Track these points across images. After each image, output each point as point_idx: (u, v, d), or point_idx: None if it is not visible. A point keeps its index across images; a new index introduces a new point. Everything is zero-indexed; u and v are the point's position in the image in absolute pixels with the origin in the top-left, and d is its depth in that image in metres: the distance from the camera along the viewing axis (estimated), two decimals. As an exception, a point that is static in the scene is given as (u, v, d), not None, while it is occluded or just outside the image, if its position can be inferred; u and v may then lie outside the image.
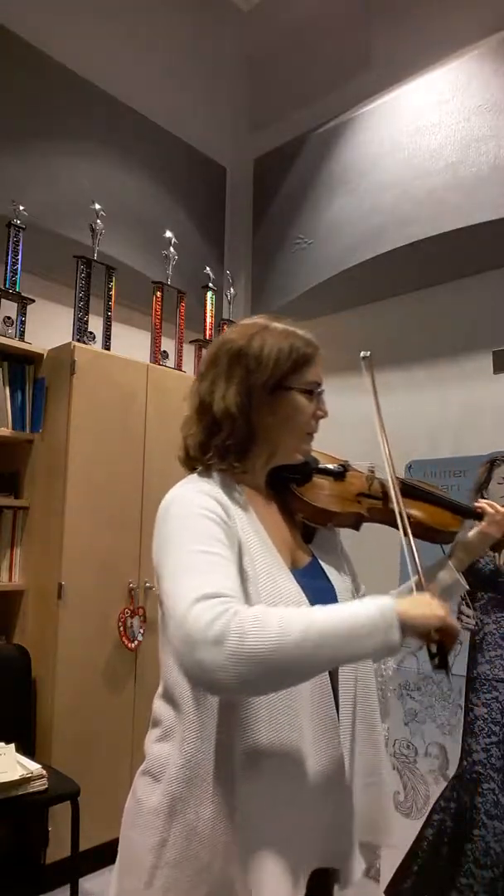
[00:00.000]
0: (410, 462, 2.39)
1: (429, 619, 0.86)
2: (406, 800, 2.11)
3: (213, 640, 0.75)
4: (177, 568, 0.87)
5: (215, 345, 1.09)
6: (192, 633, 0.76)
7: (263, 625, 0.77)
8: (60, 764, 2.06)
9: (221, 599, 0.79)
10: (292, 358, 1.04)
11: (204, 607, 0.78)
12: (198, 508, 0.93)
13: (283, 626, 0.77)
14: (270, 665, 0.77)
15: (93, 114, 2.87)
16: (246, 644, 0.75)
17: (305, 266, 3.10)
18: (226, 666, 0.75)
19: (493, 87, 2.48)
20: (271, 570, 0.96)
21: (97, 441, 2.37)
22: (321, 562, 1.11)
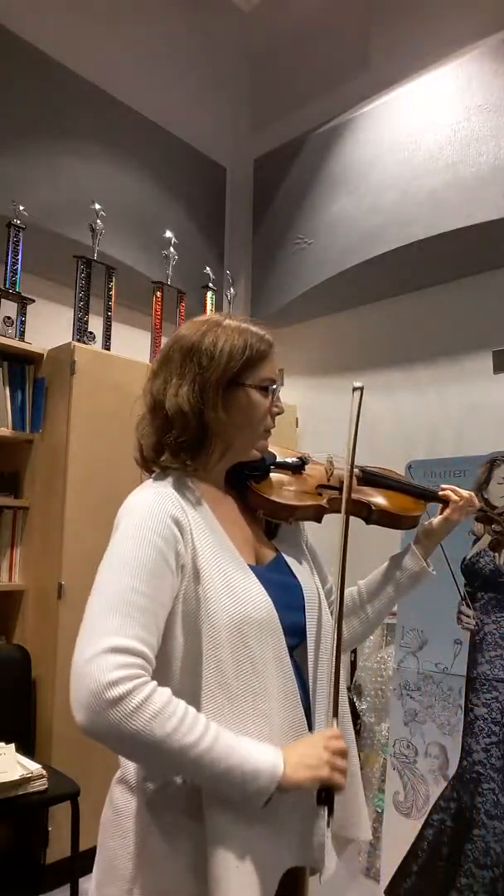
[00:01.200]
0: (410, 462, 2.39)
1: (313, 780, 0.88)
2: (406, 800, 2.11)
3: (106, 702, 0.78)
4: (105, 598, 0.86)
5: (168, 342, 1.08)
6: (90, 682, 0.79)
7: (156, 719, 0.79)
8: (60, 764, 2.06)
9: (132, 660, 0.81)
10: (246, 354, 1.02)
11: (112, 663, 0.79)
12: (149, 533, 0.91)
13: (175, 733, 0.79)
14: (138, 753, 0.85)
15: (93, 114, 2.87)
16: (131, 725, 0.78)
17: (305, 266, 3.10)
18: (100, 730, 0.80)
19: (493, 87, 2.48)
20: (227, 571, 0.95)
21: (97, 441, 2.37)
22: (286, 556, 1.10)
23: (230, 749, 0.83)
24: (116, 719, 0.78)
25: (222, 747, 0.83)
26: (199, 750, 0.81)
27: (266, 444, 1.10)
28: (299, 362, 3.25)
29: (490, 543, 2.14)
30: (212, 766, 0.82)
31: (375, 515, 1.15)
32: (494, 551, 2.12)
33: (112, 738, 0.82)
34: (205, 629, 0.91)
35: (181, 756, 0.81)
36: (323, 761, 0.89)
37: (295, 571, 1.09)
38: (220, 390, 1.00)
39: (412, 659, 2.21)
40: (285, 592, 1.03)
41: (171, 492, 0.98)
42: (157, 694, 0.80)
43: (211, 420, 1.00)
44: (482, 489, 2.19)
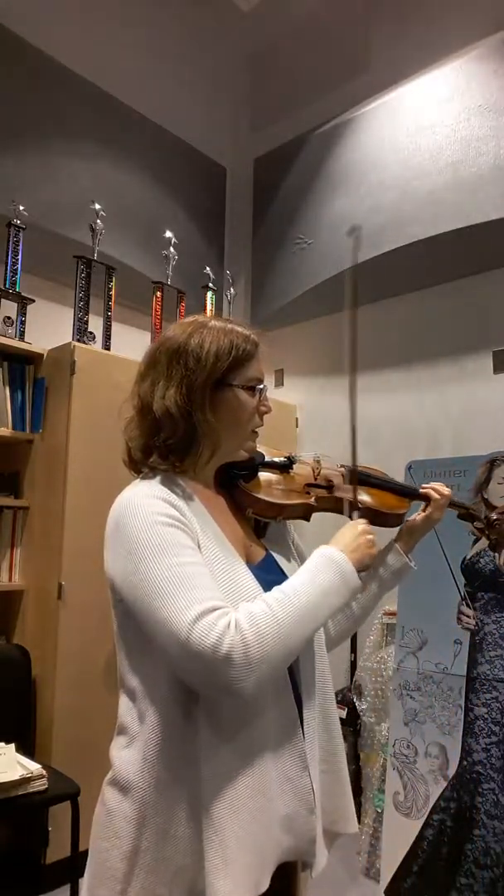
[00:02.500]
0: (410, 462, 2.39)
1: (368, 555, 1.04)
2: (406, 800, 2.11)
3: (223, 659, 0.81)
4: (158, 588, 0.86)
5: (154, 344, 1.09)
6: (201, 655, 0.81)
7: (262, 627, 0.84)
8: (60, 764, 2.06)
9: (217, 613, 0.83)
10: (232, 355, 1.03)
11: (203, 627, 0.81)
12: (156, 516, 0.92)
13: (279, 620, 0.87)
14: (279, 659, 0.87)
15: (93, 114, 2.87)
16: (254, 653, 0.83)
17: (305, 266, 3.10)
18: (242, 677, 0.82)
19: (493, 87, 2.48)
20: (228, 568, 0.96)
21: (97, 441, 2.37)
22: (275, 555, 1.11)
23: (305, 585, 0.93)
24: (248, 661, 0.82)
25: (301, 589, 0.92)
26: (302, 605, 0.90)
27: (254, 445, 1.10)
28: (299, 362, 3.25)
29: (490, 543, 2.14)
30: (315, 603, 0.92)
31: (361, 513, 1.15)
32: (494, 551, 2.12)
33: (260, 671, 0.85)
34: None
35: (297, 625, 0.89)
36: (365, 536, 1.05)
37: (285, 570, 1.09)
38: (208, 391, 1.01)
39: (412, 659, 2.21)
40: None
41: (162, 488, 0.99)
42: (242, 620, 0.84)
43: (199, 421, 1.00)
44: (482, 489, 2.19)
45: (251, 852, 0.89)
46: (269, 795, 0.93)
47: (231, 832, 0.88)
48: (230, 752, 0.91)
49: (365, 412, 2.96)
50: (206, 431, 1.01)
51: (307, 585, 0.93)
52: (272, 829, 0.93)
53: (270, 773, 0.94)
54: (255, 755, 0.92)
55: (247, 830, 0.89)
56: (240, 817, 0.89)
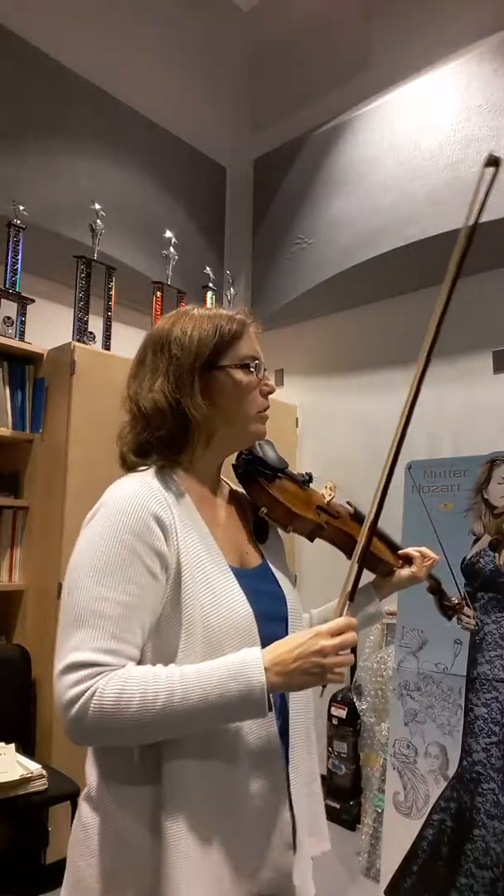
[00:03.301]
0: (410, 462, 2.39)
1: (304, 682, 0.85)
2: (406, 800, 2.11)
3: (68, 718, 0.80)
4: (70, 611, 0.85)
5: (140, 344, 1.06)
6: (58, 703, 0.81)
7: (116, 715, 0.79)
8: (60, 764, 2.06)
9: (86, 673, 0.80)
10: (218, 335, 1.00)
11: (67, 682, 0.80)
12: (123, 532, 0.87)
13: (142, 716, 0.79)
14: (116, 743, 0.85)
15: (93, 114, 2.87)
16: (90, 735, 0.81)
17: (305, 266, 3.10)
18: (75, 739, 0.82)
19: (493, 87, 2.48)
20: (210, 577, 0.92)
21: (97, 441, 2.37)
22: (272, 566, 1.07)
23: (199, 679, 0.81)
24: (86, 732, 0.81)
25: (189, 685, 0.81)
26: (175, 704, 0.80)
27: (264, 430, 1.06)
28: (299, 362, 3.25)
29: (490, 543, 2.14)
30: (192, 707, 0.80)
31: (363, 554, 1.15)
32: (494, 551, 2.12)
33: (97, 743, 0.86)
34: (183, 631, 0.87)
35: (166, 721, 0.80)
36: (311, 663, 0.84)
37: (280, 582, 1.06)
38: (197, 376, 0.98)
39: (412, 659, 2.21)
40: (267, 601, 0.99)
41: (156, 485, 0.94)
42: (108, 693, 0.79)
43: (190, 408, 0.96)
44: (482, 489, 2.19)
45: (211, 878, 0.85)
46: (240, 821, 0.88)
47: (195, 857, 0.84)
48: (195, 771, 0.86)
49: (365, 412, 2.97)
50: (199, 419, 0.97)
51: (209, 690, 0.80)
52: (243, 858, 0.89)
53: (244, 803, 0.89)
54: (225, 779, 0.88)
55: (206, 854, 0.85)
56: (200, 838, 0.85)
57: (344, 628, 0.86)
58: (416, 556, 1.24)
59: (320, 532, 1.10)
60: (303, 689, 0.87)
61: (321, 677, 0.84)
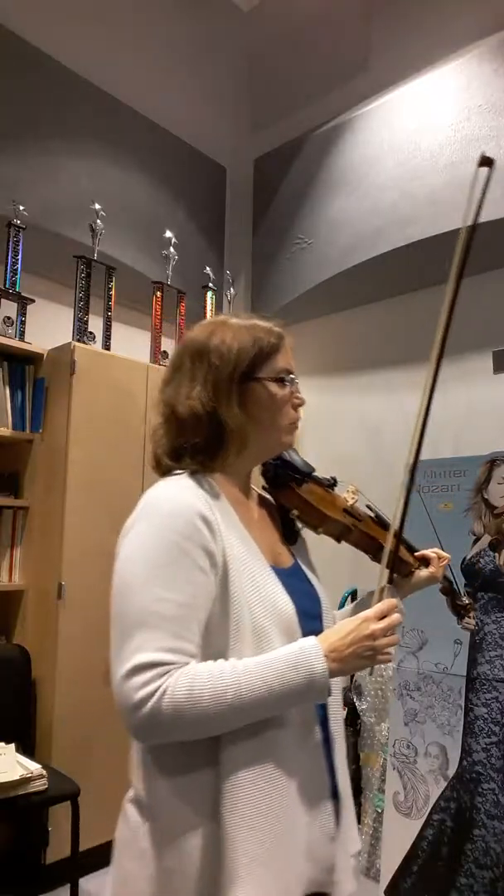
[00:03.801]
0: (410, 462, 2.39)
1: (358, 666, 0.89)
2: (406, 800, 2.11)
3: (144, 717, 0.81)
4: (127, 615, 0.88)
5: (177, 349, 1.08)
6: (124, 705, 0.83)
7: (190, 709, 0.81)
8: (60, 764, 2.06)
9: (154, 673, 0.82)
10: (257, 348, 1.02)
11: (135, 684, 0.82)
12: (172, 534, 0.89)
13: (214, 706, 0.81)
14: (188, 737, 0.86)
15: (93, 113, 2.87)
16: (164, 729, 0.82)
17: (305, 266, 3.10)
18: (144, 737, 0.87)
19: (493, 87, 2.48)
20: (255, 575, 0.94)
21: (97, 441, 2.37)
22: (303, 566, 1.10)
23: (262, 671, 0.85)
24: (158, 730, 0.83)
25: (254, 676, 0.84)
26: (243, 695, 0.83)
27: (293, 441, 1.09)
28: (299, 362, 3.19)
29: (490, 543, 2.14)
30: (259, 697, 0.84)
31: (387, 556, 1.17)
32: (494, 551, 2.12)
33: (167, 739, 0.87)
34: (231, 627, 0.89)
35: (235, 713, 0.83)
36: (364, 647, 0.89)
37: (311, 579, 1.09)
38: (234, 386, 0.99)
39: (412, 659, 2.21)
40: (305, 599, 1.02)
41: (195, 487, 0.95)
42: (179, 689, 0.81)
43: (226, 417, 0.98)
44: (482, 489, 2.19)
45: (272, 877, 0.86)
46: (294, 820, 0.90)
47: (250, 861, 0.85)
48: (254, 774, 0.88)
49: (366, 412, 2.97)
50: (234, 428, 0.98)
51: (273, 680, 0.84)
52: (295, 857, 0.90)
53: (297, 798, 0.92)
54: (278, 778, 0.90)
55: (268, 853, 0.86)
56: (259, 838, 0.86)
57: (388, 610, 0.91)
58: (433, 557, 1.25)
59: (348, 534, 1.13)
60: (356, 671, 0.94)
61: (373, 659, 0.89)
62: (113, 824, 1.01)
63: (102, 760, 2.27)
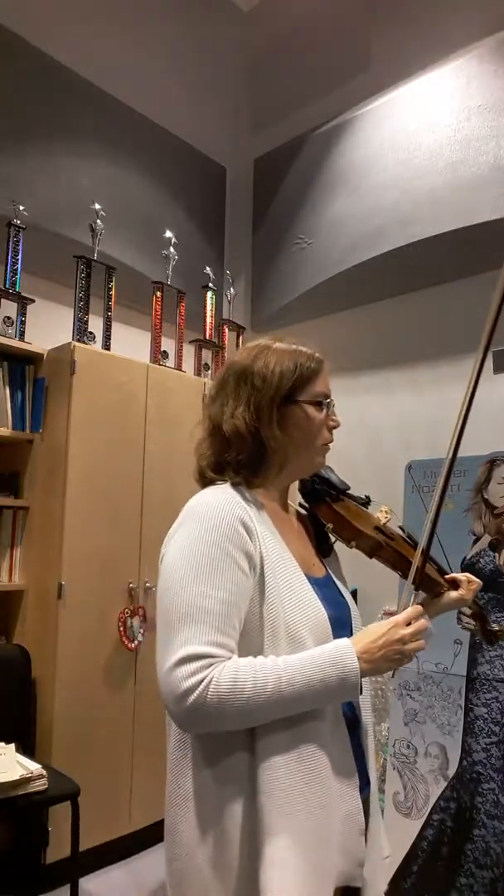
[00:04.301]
0: (410, 462, 2.39)
1: (387, 668, 0.96)
2: (406, 800, 2.11)
3: (191, 706, 0.86)
4: (174, 610, 0.92)
5: (223, 368, 1.14)
6: (171, 692, 0.87)
7: (233, 700, 0.86)
8: (60, 764, 2.06)
9: (200, 664, 0.87)
10: (297, 373, 1.08)
11: (182, 674, 0.87)
12: (215, 535, 0.95)
13: (256, 698, 0.87)
14: (229, 727, 0.91)
15: (93, 114, 2.87)
16: (209, 720, 0.88)
17: (305, 266, 3.10)
18: (188, 727, 0.92)
19: (493, 87, 2.48)
20: (292, 582, 1.00)
21: (97, 441, 2.37)
22: (333, 577, 1.15)
23: (301, 667, 0.90)
24: (203, 719, 0.87)
25: (295, 672, 0.89)
26: (283, 689, 0.88)
27: (323, 460, 1.14)
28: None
29: (490, 543, 2.14)
30: (298, 692, 0.89)
31: (417, 575, 1.18)
32: (494, 551, 2.12)
33: (210, 729, 0.92)
34: (266, 628, 0.95)
35: (274, 705, 0.88)
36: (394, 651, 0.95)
37: (342, 591, 1.13)
38: (275, 409, 1.05)
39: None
40: (336, 608, 1.07)
41: (236, 496, 1.02)
42: (224, 680, 0.86)
43: (267, 437, 1.04)
44: (482, 489, 2.19)
45: (308, 867, 0.89)
46: (329, 811, 0.94)
47: (288, 848, 0.89)
48: (289, 764, 0.92)
49: (365, 412, 2.97)
50: (275, 447, 1.05)
51: (311, 676, 0.90)
52: (328, 849, 0.93)
53: (332, 789, 0.95)
54: (316, 768, 0.94)
55: (305, 847, 0.90)
56: (294, 827, 0.90)
57: (415, 616, 0.98)
58: (463, 580, 1.28)
59: (379, 550, 1.16)
60: (384, 672, 0.98)
61: (400, 662, 0.96)
62: (113, 824, 1.03)
63: (102, 760, 2.26)
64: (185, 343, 2.96)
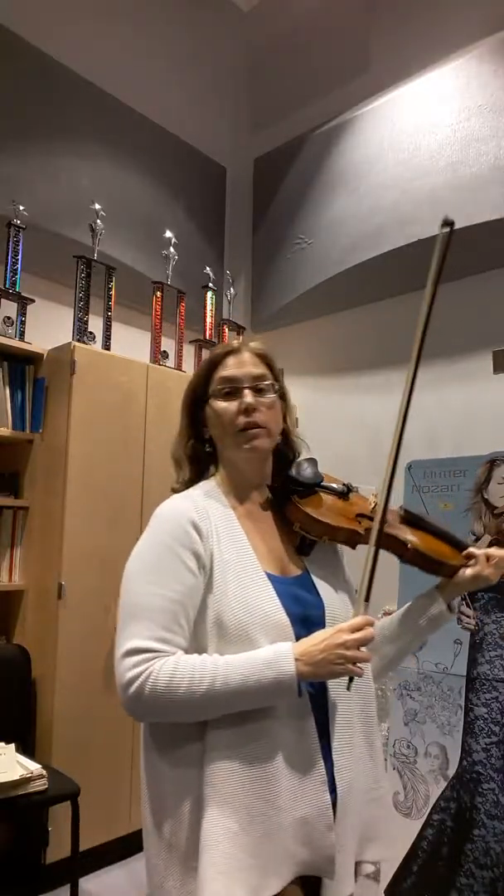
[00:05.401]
0: (410, 462, 2.39)
1: (330, 672, 0.94)
2: (406, 800, 2.11)
3: (127, 696, 0.92)
4: (126, 607, 0.99)
5: None
6: (119, 680, 0.94)
7: (167, 694, 0.91)
8: (60, 764, 2.06)
9: (142, 658, 0.93)
10: (204, 369, 1.14)
11: (127, 664, 0.93)
12: (166, 537, 1.01)
13: (191, 694, 0.91)
14: (170, 719, 0.96)
15: (93, 114, 2.87)
16: (146, 709, 0.93)
17: (305, 266, 3.10)
18: (134, 715, 0.95)
19: (493, 87, 2.48)
20: (244, 581, 1.01)
21: (97, 441, 2.37)
22: (314, 576, 1.12)
23: (238, 667, 0.93)
24: (142, 708, 0.93)
25: (231, 671, 0.92)
26: (217, 687, 0.91)
27: (255, 445, 1.11)
28: (299, 362, 3.25)
29: (490, 543, 2.14)
30: (233, 691, 0.91)
31: (410, 554, 1.15)
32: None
33: (151, 718, 0.99)
34: (209, 628, 0.97)
35: (210, 701, 0.92)
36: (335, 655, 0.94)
37: (320, 589, 1.10)
38: (197, 412, 1.14)
39: (412, 659, 2.21)
40: (304, 607, 1.05)
41: (197, 498, 1.07)
42: (162, 675, 0.91)
43: (209, 440, 1.13)
44: (482, 489, 2.19)
45: (250, 854, 0.91)
46: (277, 804, 0.94)
47: (227, 832, 0.91)
48: (235, 757, 0.94)
49: (365, 412, 2.97)
50: (216, 448, 1.14)
51: (247, 676, 0.92)
52: (281, 838, 0.94)
53: (281, 783, 0.95)
54: (264, 762, 0.94)
55: (246, 832, 0.91)
56: (239, 818, 0.92)
57: (363, 625, 0.96)
58: (480, 555, 1.19)
59: (359, 539, 1.13)
60: (329, 678, 0.97)
61: (343, 668, 0.94)
62: (113, 824, 1.06)
63: (102, 760, 2.26)
64: (185, 343, 2.96)
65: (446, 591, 1.21)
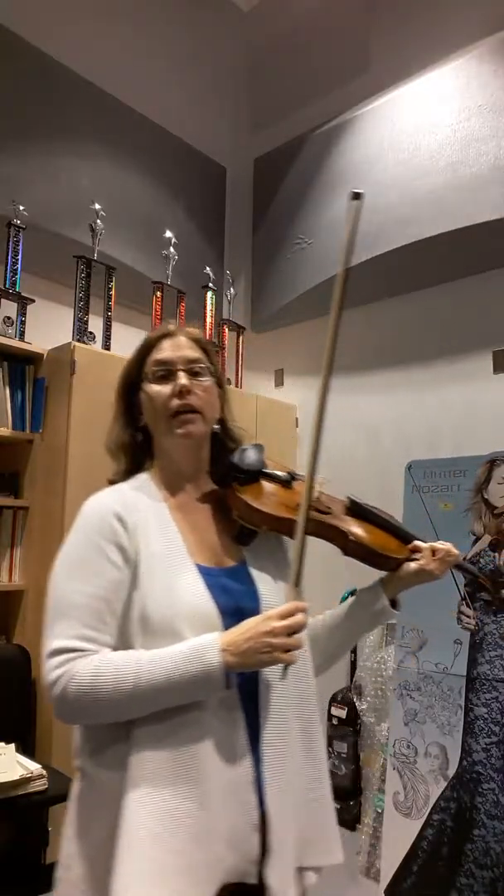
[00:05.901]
0: (410, 462, 2.39)
1: (258, 661, 0.92)
2: (406, 800, 2.11)
3: (55, 698, 0.91)
4: (51, 605, 0.97)
5: None
6: (45, 682, 0.92)
7: (90, 693, 0.89)
8: (60, 764, 2.06)
9: (64, 658, 0.91)
10: (138, 353, 1.13)
11: (51, 664, 0.91)
12: (90, 532, 0.99)
13: (113, 693, 0.88)
14: (93, 720, 0.94)
15: (93, 114, 2.87)
16: (69, 710, 0.92)
17: (305, 266, 3.10)
18: (69, 717, 0.95)
19: (493, 87, 2.48)
20: (171, 573, 0.98)
21: (97, 441, 2.35)
22: (251, 567, 1.08)
23: (163, 661, 0.90)
24: (68, 709, 0.92)
25: (156, 667, 0.90)
26: (142, 684, 0.89)
27: (188, 430, 1.08)
28: (299, 362, 3.25)
29: (490, 543, 2.14)
30: (159, 686, 0.89)
31: (352, 546, 1.11)
32: (494, 551, 2.12)
33: (78, 720, 0.97)
34: (134, 621, 0.95)
35: (136, 699, 0.89)
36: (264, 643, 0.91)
37: (256, 580, 1.06)
38: (131, 399, 1.13)
39: (412, 659, 2.21)
40: (237, 598, 1.02)
41: (125, 490, 1.06)
42: (85, 674, 0.89)
43: (139, 429, 1.13)
44: (482, 489, 2.19)
45: (172, 858, 0.86)
46: (205, 806, 0.89)
47: (148, 835, 0.86)
48: (160, 748, 0.90)
49: (365, 412, 2.97)
50: (144, 437, 1.12)
51: (172, 670, 0.89)
52: (209, 842, 0.89)
53: (209, 784, 0.90)
54: (190, 757, 0.90)
55: (170, 834, 0.86)
56: (162, 822, 0.87)
57: (292, 611, 0.93)
58: (425, 548, 1.16)
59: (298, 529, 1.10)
60: (259, 667, 0.94)
61: (272, 656, 0.91)
62: None
63: (102, 760, 2.26)
64: (185, 343, 2.96)
65: (390, 586, 1.18)
